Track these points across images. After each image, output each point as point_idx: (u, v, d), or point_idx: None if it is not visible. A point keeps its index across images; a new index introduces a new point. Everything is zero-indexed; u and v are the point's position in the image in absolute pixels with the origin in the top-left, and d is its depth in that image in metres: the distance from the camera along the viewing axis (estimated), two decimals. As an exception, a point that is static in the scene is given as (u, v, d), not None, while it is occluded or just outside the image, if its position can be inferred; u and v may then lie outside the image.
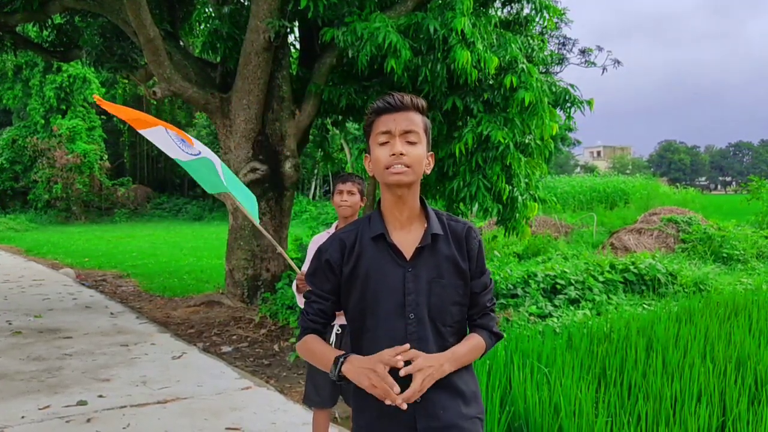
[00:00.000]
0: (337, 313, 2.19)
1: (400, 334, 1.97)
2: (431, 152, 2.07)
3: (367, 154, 2.06)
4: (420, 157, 1.97)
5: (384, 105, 1.99)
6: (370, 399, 1.94)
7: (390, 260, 2.01)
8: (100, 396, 5.22)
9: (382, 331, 2.00)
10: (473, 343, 2.06)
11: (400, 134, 1.95)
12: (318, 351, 2.07)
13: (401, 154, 1.93)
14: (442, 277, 2.01)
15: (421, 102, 2.02)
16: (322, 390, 3.65)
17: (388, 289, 1.99)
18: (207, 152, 3.85)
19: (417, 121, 1.98)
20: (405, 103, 1.98)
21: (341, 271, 2.06)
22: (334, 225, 3.89)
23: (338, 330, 3.66)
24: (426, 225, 2.04)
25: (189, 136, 3.84)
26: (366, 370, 1.87)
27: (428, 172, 2.05)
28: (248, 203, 3.93)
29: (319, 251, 2.11)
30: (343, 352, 2.00)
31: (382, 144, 1.97)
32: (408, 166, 1.94)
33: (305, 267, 3.78)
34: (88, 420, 4.68)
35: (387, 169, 1.95)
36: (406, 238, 2.03)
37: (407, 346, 1.89)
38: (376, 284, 2.00)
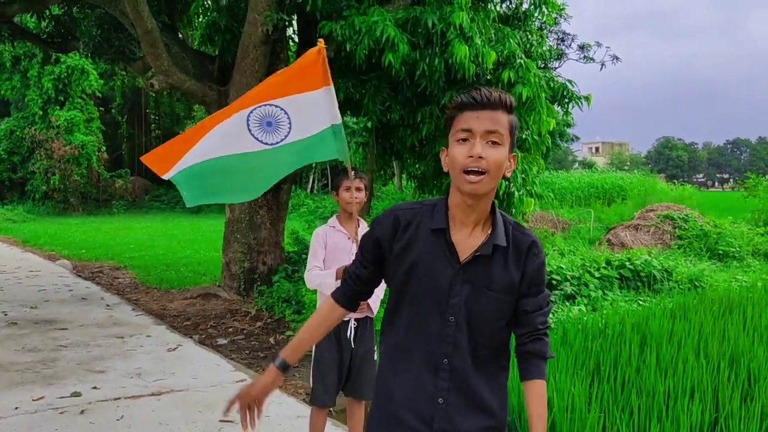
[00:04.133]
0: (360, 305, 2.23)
1: (435, 333, 1.90)
2: (514, 153, 1.88)
3: (444, 149, 1.93)
4: (500, 161, 1.81)
5: (469, 100, 1.82)
6: (395, 389, 1.96)
7: (443, 258, 1.89)
8: (95, 387, 5.22)
9: (417, 325, 1.93)
10: (542, 407, 1.93)
11: (481, 134, 1.79)
12: (313, 317, 2.15)
13: (480, 156, 1.78)
14: (491, 289, 1.88)
15: (510, 99, 1.84)
16: (331, 389, 3.70)
17: (434, 286, 1.89)
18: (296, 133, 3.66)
19: (503, 121, 1.82)
20: (492, 100, 1.80)
21: (391, 248, 1.95)
22: (332, 219, 3.85)
23: (354, 324, 3.67)
24: (490, 231, 1.90)
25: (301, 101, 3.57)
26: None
27: (508, 175, 1.87)
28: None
29: (374, 225, 2.03)
30: (282, 355, 2.09)
31: (461, 141, 1.82)
32: (485, 172, 1.79)
33: (311, 260, 3.75)
34: (82, 411, 4.69)
35: (464, 173, 1.81)
36: (466, 241, 1.90)
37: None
38: (423, 277, 1.90)
